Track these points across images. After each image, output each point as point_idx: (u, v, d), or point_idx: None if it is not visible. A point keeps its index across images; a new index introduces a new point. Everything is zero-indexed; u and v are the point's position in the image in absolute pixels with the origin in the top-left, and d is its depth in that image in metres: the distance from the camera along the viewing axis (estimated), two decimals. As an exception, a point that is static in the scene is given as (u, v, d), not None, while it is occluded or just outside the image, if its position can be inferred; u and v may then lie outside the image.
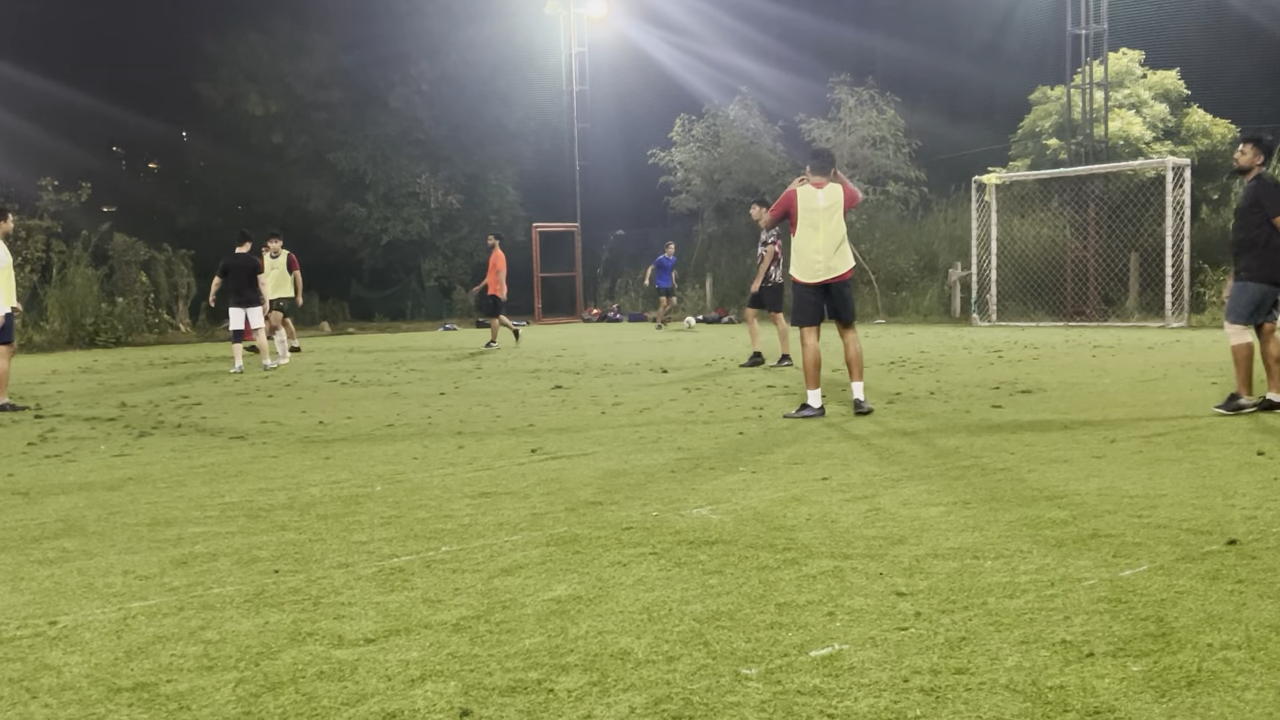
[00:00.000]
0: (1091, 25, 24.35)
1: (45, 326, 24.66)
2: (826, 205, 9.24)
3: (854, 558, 4.66)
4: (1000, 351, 15.70)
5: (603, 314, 33.68)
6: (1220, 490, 5.80)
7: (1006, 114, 28.24)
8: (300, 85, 33.83)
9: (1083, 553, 4.63)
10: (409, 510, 5.91)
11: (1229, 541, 4.73)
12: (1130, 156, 23.55)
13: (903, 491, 6.02)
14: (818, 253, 9.23)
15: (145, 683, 3.45)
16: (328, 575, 4.64)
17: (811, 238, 9.26)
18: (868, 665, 3.42)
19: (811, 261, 9.26)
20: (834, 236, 9.24)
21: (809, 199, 9.27)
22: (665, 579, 4.43)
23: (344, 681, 3.42)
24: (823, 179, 9.29)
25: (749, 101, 31.34)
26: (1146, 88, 24.94)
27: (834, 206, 9.25)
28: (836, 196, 9.26)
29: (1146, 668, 3.33)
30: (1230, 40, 26.73)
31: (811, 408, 9.33)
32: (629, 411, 10.04)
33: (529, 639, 3.75)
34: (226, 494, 6.54)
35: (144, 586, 4.54)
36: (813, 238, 9.25)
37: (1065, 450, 7.24)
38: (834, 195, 9.26)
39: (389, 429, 9.37)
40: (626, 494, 6.18)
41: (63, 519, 5.93)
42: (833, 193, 9.27)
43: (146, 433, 9.54)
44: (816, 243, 9.22)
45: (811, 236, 9.25)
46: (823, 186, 9.27)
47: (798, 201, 9.29)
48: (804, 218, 9.28)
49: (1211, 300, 21.61)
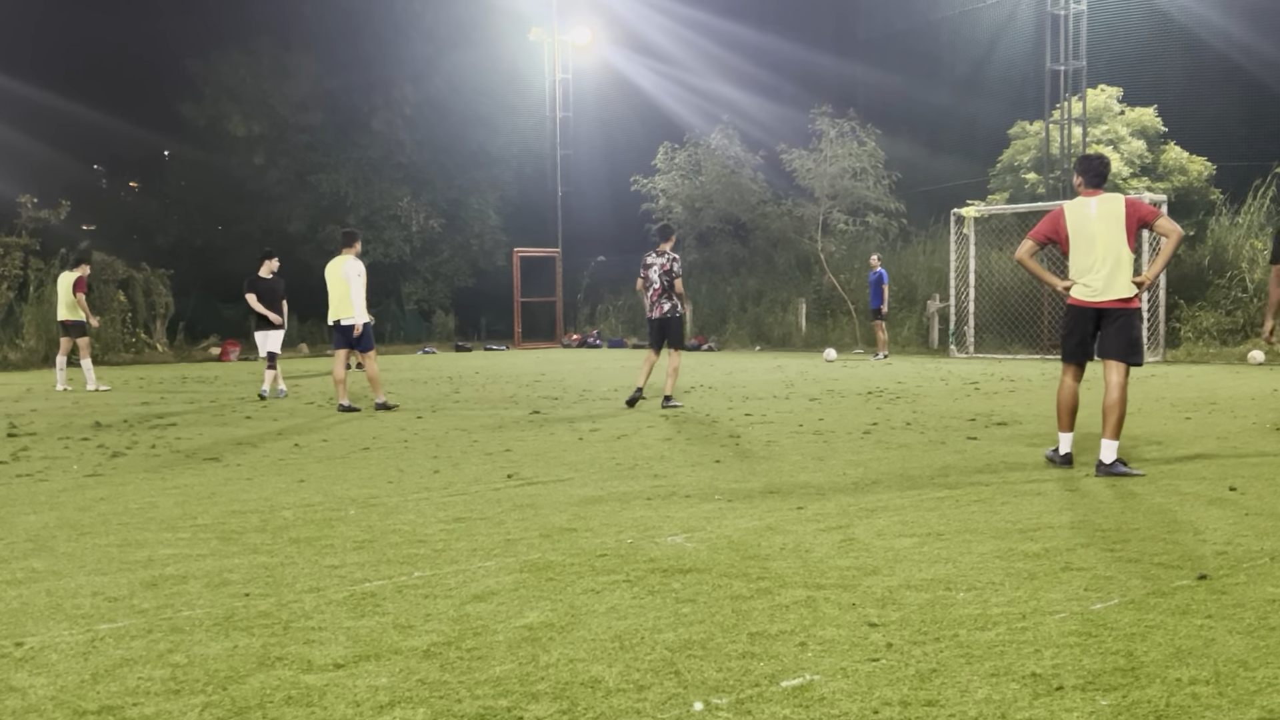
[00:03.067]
0: (1071, 62, 24.61)
1: (21, 344, 24.50)
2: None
3: (827, 588, 4.66)
4: (977, 383, 15.77)
5: (583, 339, 33.68)
6: (1192, 525, 5.84)
7: (986, 147, 28.46)
8: (283, 107, 33.81)
9: (1054, 586, 4.65)
10: (382, 534, 5.89)
11: (1199, 576, 4.76)
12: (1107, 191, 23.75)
13: (877, 522, 6.03)
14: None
15: (111, 705, 3.42)
16: (299, 599, 4.61)
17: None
18: (838, 696, 3.42)
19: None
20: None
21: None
22: (638, 607, 4.42)
23: (312, 707, 3.39)
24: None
25: (730, 131, 31.50)
26: (1124, 124, 25.20)
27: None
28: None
29: (1115, 702, 3.34)
30: (1207, 79, 27.04)
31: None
32: (606, 438, 10.03)
33: (499, 666, 3.74)
34: (199, 516, 6.49)
35: (112, 608, 4.50)
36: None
37: (1039, 483, 7.27)
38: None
39: (364, 452, 9.33)
40: (601, 521, 6.17)
41: (32, 539, 5.88)
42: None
43: (120, 453, 9.47)
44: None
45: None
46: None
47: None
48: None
49: (1186, 336, 21.78)
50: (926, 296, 26.61)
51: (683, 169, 31.79)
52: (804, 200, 29.72)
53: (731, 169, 31.18)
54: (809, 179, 29.01)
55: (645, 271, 13.01)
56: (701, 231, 32.36)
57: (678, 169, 31.81)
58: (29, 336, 24.58)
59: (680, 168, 31.80)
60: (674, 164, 31.85)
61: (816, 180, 28.84)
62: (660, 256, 12.90)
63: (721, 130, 31.51)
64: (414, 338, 33.92)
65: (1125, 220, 7.60)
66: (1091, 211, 7.69)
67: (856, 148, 28.68)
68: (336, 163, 34.27)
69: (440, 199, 35.21)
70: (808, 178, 29.00)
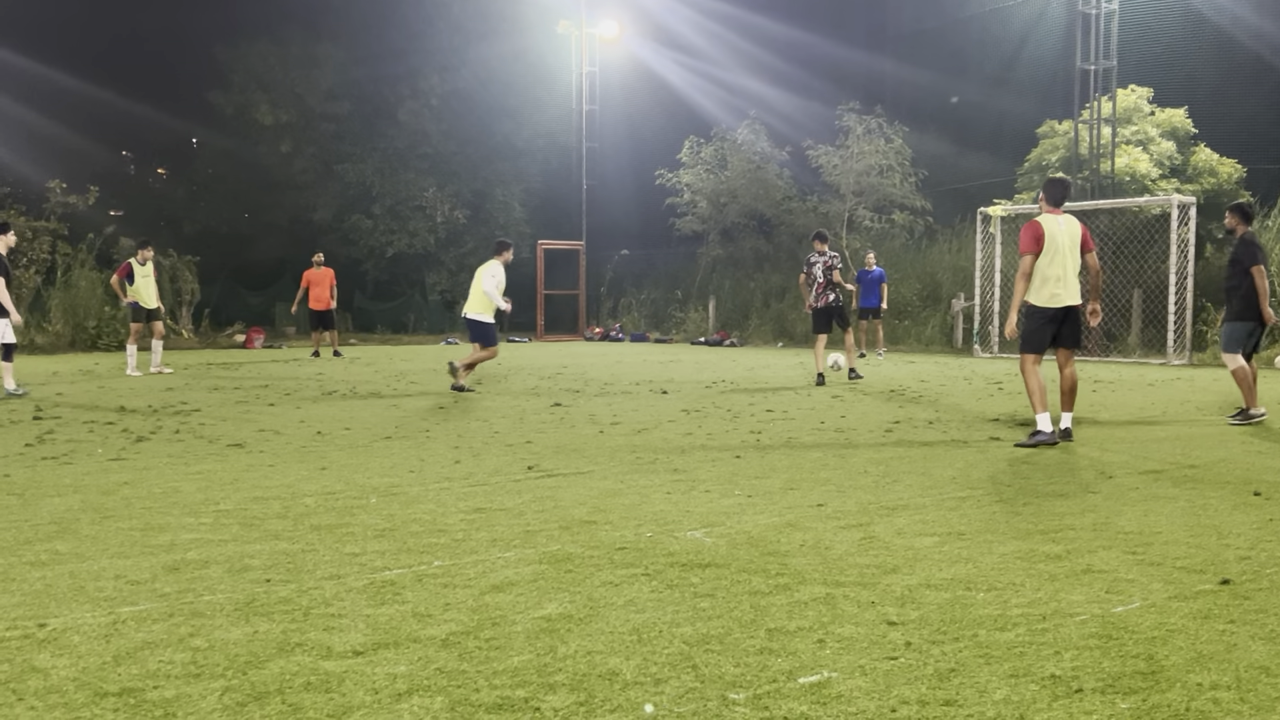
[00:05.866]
0: (1101, 61, 24.43)
1: (47, 328, 24.69)
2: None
3: (846, 585, 4.65)
4: (1000, 383, 15.69)
5: (605, 333, 33.71)
6: (1215, 529, 5.80)
7: (1014, 146, 28.27)
8: (310, 96, 33.97)
9: (1075, 588, 4.63)
10: (402, 524, 5.91)
11: (1222, 581, 4.73)
12: (1136, 193, 23.58)
13: (897, 520, 6.01)
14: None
15: (132, 688, 3.45)
16: (319, 586, 4.63)
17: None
18: (856, 694, 3.41)
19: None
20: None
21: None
22: (656, 601, 4.42)
23: (331, 693, 3.41)
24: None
25: (757, 126, 31.43)
26: (1154, 125, 24.99)
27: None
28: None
29: (1135, 705, 3.32)
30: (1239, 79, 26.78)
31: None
32: (627, 432, 10.04)
33: (517, 657, 3.75)
34: (221, 501, 6.53)
35: (135, 591, 4.54)
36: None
37: (1061, 484, 7.23)
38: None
39: (386, 441, 9.37)
40: (621, 514, 6.18)
41: (56, 521, 5.93)
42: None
43: (144, 437, 9.54)
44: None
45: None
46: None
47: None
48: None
49: (1214, 339, 21.60)
50: (951, 295, 26.51)
51: (708, 164, 31.74)
52: (829, 197, 29.63)
53: (757, 164, 31.11)
54: (835, 175, 28.93)
55: (809, 270, 15.82)
56: (726, 227, 32.31)
57: (703, 163, 31.76)
58: (56, 321, 24.77)
59: (705, 162, 31.76)
60: (699, 158, 31.82)
61: (842, 177, 28.75)
62: (821, 256, 15.73)
63: (748, 125, 31.45)
64: (437, 328, 34.01)
65: (1080, 241, 9.32)
66: (1061, 227, 9.24)
67: (883, 145, 28.58)
68: (363, 152, 34.39)
69: (465, 190, 35.28)
70: (834, 174, 28.92)
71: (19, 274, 25.01)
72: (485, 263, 14.52)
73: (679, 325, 32.78)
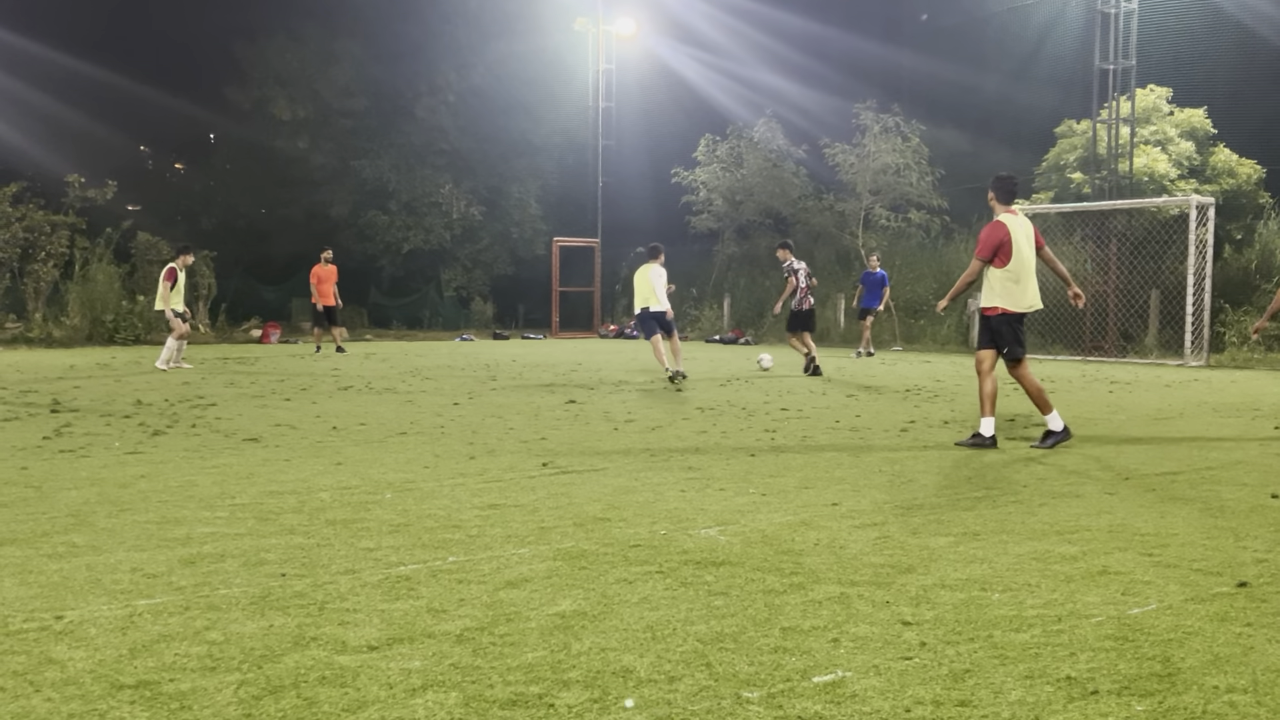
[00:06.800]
0: (1120, 61, 24.32)
1: (65, 322, 24.81)
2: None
3: (861, 585, 4.64)
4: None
5: (620, 330, 33.71)
6: (1232, 532, 5.77)
7: (1032, 145, 28.17)
8: (328, 92, 34.05)
9: (1091, 589, 4.61)
10: (417, 519, 5.92)
11: (1239, 584, 4.70)
12: (1154, 193, 23.48)
13: (912, 520, 6.00)
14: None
15: (148, 681, 3.46)
16: (334, 581, 4.65)
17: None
18: (870, 693, 3.40)
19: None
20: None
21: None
22: (670, 598, 4.42)
23: (345, 688, 3.42)
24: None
25: (774, 123, 31.37)
26: (1173, 125, 24.88)
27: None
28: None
29: (1151, 707, 3.30)
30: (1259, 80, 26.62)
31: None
32: (641, 429, 10.04)
33: (531, 653, 3.75)
34: (236, 495, 6.56)
35: (151, 584, 4.55)
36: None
37: (1077, 485, 7.20)
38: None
39: (401, 437, 9.39)
40: (635, 512, 6.18)
41: (73, 514, 5.96)
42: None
43: (160, 431, 9.58)
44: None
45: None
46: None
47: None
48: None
49: (1231, 341, 21.49)
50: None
51: (724, 161, 31.70)
52: (846, 195, 29.56)
53: (774, 162, 31.06)
54: (851, 174, 28.85)
55: (795, 277, 17.13)
56: (741, 225, 32.28)
57: (719, 161, 31.72)
58: (74, 314, 24.88)
59: (721, 160, 31.72)
60: (715, 156, 31.78)
61: (859, 175, 28.68)
62: (800, 264, 17.34)
63: (765, 123, 31.39)
64: (452, 324, 34.09)
65: (1034, 239, 9.11)
66: (1020, 226, 9.00)
67: (900, 143, 28.50)
68: (379, 148, 34.46)
69: (481, 187, 35.33)
70: (850, 173, 28.85)
71: (36, 267, 25.16)
72: (647, 264, 15.67)
73: (694, 323, 32.77)
